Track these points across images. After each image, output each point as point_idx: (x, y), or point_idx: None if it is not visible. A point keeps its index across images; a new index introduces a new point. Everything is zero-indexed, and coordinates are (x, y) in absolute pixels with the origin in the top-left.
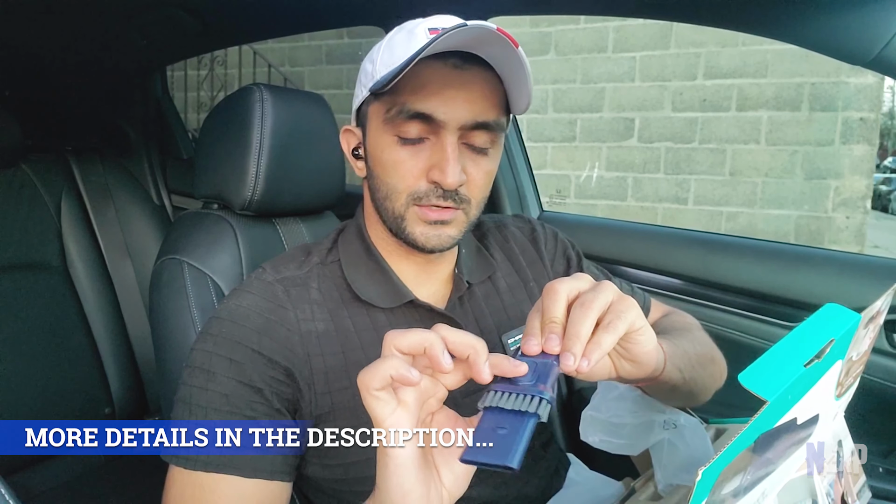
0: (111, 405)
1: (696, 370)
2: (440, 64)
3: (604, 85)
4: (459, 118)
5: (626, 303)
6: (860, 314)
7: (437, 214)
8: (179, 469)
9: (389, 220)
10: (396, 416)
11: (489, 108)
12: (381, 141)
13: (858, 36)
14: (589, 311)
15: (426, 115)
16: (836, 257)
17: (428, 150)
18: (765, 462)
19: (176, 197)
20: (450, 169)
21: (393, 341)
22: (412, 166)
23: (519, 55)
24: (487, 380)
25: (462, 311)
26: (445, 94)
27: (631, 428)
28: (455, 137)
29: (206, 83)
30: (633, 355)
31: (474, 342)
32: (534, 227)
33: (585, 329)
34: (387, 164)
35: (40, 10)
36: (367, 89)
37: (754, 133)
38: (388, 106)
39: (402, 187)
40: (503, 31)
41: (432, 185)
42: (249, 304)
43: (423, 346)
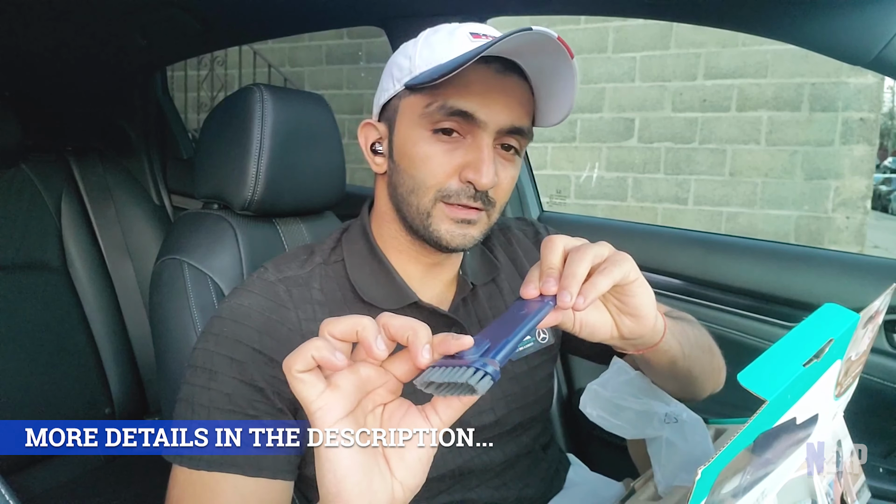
0: (111, 405)
1: (695, 350)
2: (484, 67)
3: (604, 85)
4: (499, 121)
5: (622, 255)
6: (859, 314)
7: (464, 213)
8: (182, 468)
9: (413, 215)
10: (325, 398)
11: (524, 115)
12: (413, 134)
13: (858, 36)
14: (585, 256)
15: (468, 113)
16: (835, 257)
17: (463, 149)
18: (764, 462)
19: (176, 197)
20: (485, 169)
21: (326, 327)
22: (444, 162)
23: (571, 66)
24: (424, 363)
25: (465, 312)
26: (488, 97)
27: (632, 413)
28: (492, 139)
29: (206, 83)
30: (631, 308)
31: (415, 325)
32: (537, 230)
33: (581, 270)
34: (416, 157)
35: (40, 10)
36: (400, 84)
37: (754, 133)
38: (427, 101)
39: (431, 182)
40: (563, 41)
41: (465, 185)
42: (251, 303)
43: (355, 330)
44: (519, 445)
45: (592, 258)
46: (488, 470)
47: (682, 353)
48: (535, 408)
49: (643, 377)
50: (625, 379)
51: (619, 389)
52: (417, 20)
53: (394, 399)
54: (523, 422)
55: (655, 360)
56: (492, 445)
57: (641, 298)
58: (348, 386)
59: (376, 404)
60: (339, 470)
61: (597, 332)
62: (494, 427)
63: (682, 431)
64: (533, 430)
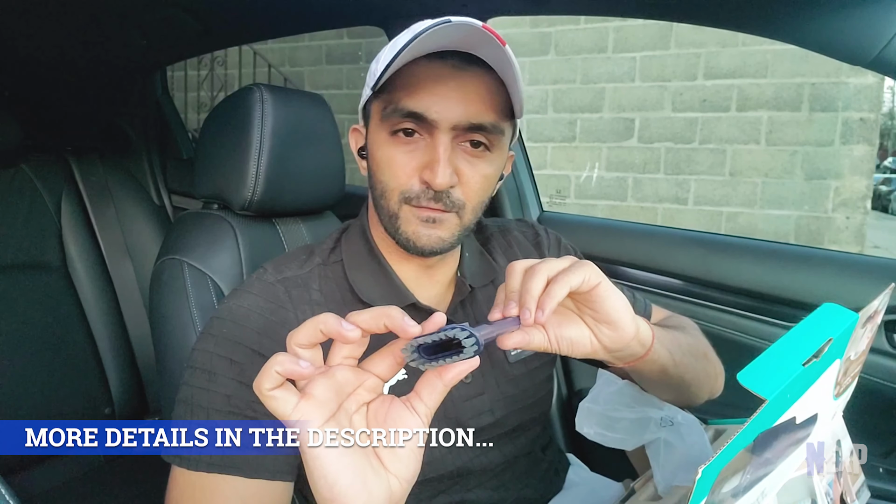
0: (111, 405)
1: (687, 357)
2: (439, 64)
3: (604, 85)
4: (452, 118)
5: (581, 263)
6: (858, 314)
7: (428, 211)
8: (182, 470)
9: (385, 218)
10: (301, 409)
11: (486, 110)
12: (377, 138)
13: (858, 36)
14: (539, 272)
15: (418, 113)
16: (835, 257)
17: (421, 150)
18: (764, 462)
19: (176, 197)
20: (440, 169)
21: (291, 338)
22: (404, 164)
23: (506, 54)
24: (414, 332)
25: (463, 315)
26: (439, 93)
27: (627, 422)
28: (448, 138)
29: (206, 83)
30: (603, 314)
31: (385, 310)
32: (537, 232)
33: (536, 285)
34: (381, 161)
35: (40, 10)
36: (369, 87)
37: (754, 133)
38: (384, 104)
39: (393, 185)
40: (488, 29)
41: (424, 186)
42: (250, 304)
43: (318, 329)
44: (518, 446)
45: (547, 272)
46: (487, 471)
47: (672, 361)
48: (535, 409)
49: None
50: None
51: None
52: (417, 20)
53: (376, 397)
54: (522, 423)
55: (646, 370)
56: (491, 446)
57: (611, 303)
58: (324, 392)
59: (360, 404)
60: (329, 475)
61: (576, 347)
62: (493, 428)
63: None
64: (532, 431)
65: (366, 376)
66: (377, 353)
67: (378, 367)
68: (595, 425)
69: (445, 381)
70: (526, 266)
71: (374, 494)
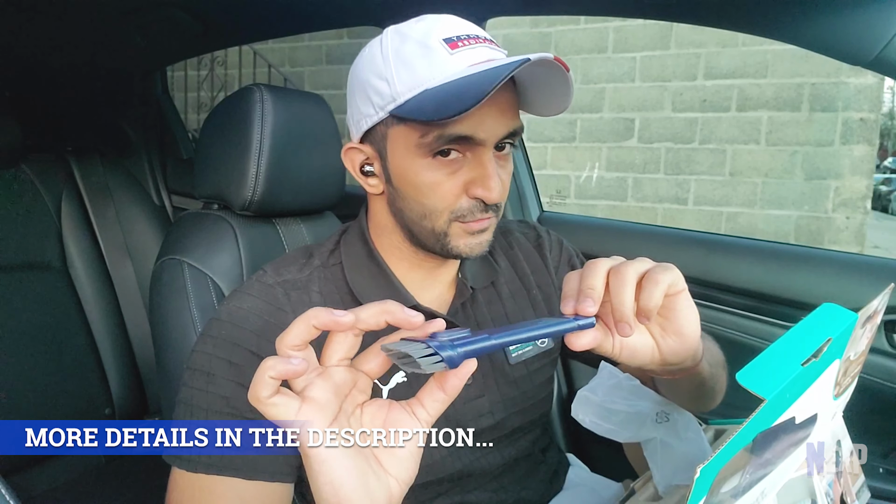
0: (111, 405)
1: (716, 369)
2: None
3: (604, 85)
4: (497, 134)
5: (666, 264)
6: (857, 314)
7: (479, 225)
8: (181, 471)
9: (427, 236)
10: (304, 413)
11: (515, 116)
12: (413, 164)
13: (858, 36)
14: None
15: (467, 136)
16: (835, 257)
17: (466, 167)
18: (763, 462)
19: (176, 197)
20: (493, 184)
21: (280, 342)
22: (452, 185)
23: (566, 79)
24: (418, 322)
25: (464, 316)
26: (483, 114)
27: (623, 415)
28: (492, 152)
29: (206, 83)
30: (676, 325)
31: (384, 306)
32: (539, 234)
33: (628, 293)
34: (422, 185)
35: (40, 10)
36: (385, 112)
37: (754, 133)
38: (422, 132)
39: (442, 206)
40: (560, 61)
41: (475, 201)
42: (249, 306)
43: (310, 324)
44: (518, 448)
45: (636, 275)
46: (486, 473)
47: (710, 375)
48: (535, 411)
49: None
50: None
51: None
52: None
53: (366, 398)
54: (522, 425)
55: (685, 382)
56: (491, 448)
57: (687, 313)
58: (324, 394)
59: (356, 405)
60: (334, 479)
61: (637, 356)
62: (493, 430)
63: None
64: (532, 433)
65: (357, 375)
66: (366, 350)
67: (367, 364)
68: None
69: (447, 392)
70: (610, 266)
71: (375, 497)
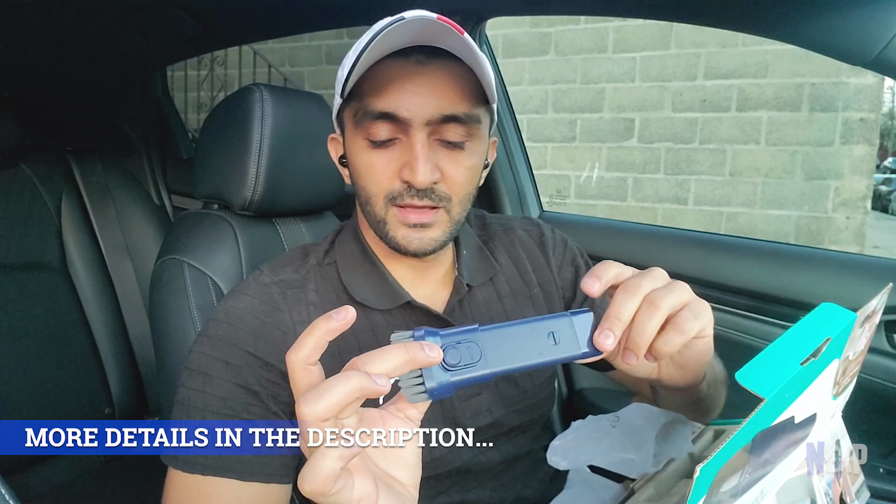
0: (111, 405)
1: (715, 388)
2: (402, 61)
3: (604, 85)
4: (424, 114)
5: (702, 305)
6: (856, 313)
7: (416, 217)
8: (178, 472)
9: (373, 224)
10: (359, 489)
11: (458, 100)
12: (354, 145)
13: (858, 36)
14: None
15: (389, 113)
16: (835, 257)
17: (398, 150)
18: (763, 461)
19: (176, 197)
20: (420, 167)
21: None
22: (384, 167)
23: (467, 43)
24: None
25: (461, 314)
26: (408, 91)
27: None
28: (424, 134)
29: (206, 83)
30: (685, 361)
31: (406, 357)
32: (542, 232)
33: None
34: (361, 168)
35: (40, 9)
36: (339, 95)
37: (754, 133)
38: (355, 109)
39: (377, 190)
40: (444, 20)
41: (405, 185)
42: (245, 306)
43: (352, 398)
44: (517, 447)
45: (668, 309)
46: (486, 471)
47: (707, 394)
48: (535, 411)
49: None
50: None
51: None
52: None
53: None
54: (522, 424)
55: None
56: (490, 446)
57: (700, 356)
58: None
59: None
60: None
61: (636, 370)
62: (492, 428)
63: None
64: (532, 431)
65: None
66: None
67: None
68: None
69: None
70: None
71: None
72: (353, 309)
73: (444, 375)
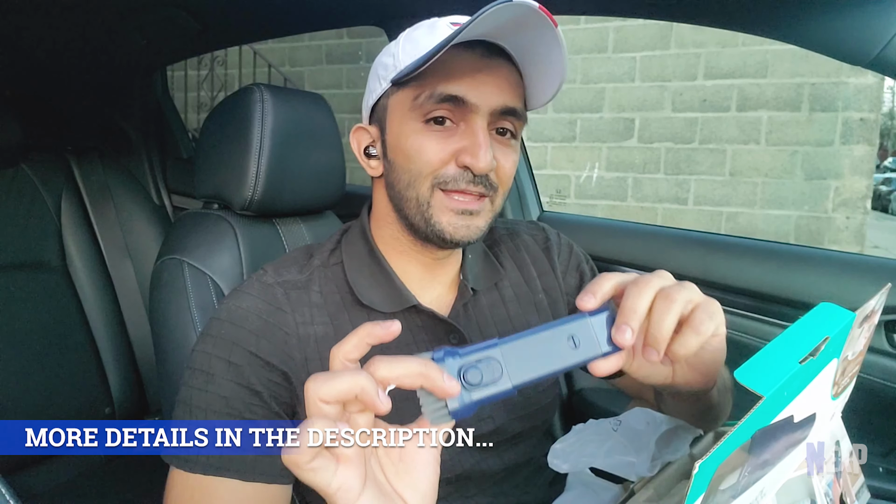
0: (111, 405)
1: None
2: (468, 53)
3: (604, 85)
4: (491, 102)
5: (714, 305)
6: (855, 313)
7: (464, 203)
8: (179, 471)
9: (413, 210)
10: (341, 477)
11: (515, 96)
12: (405, 128)
13: (858, 36)
14: (672, 307)
15: (458, 97)
16: (835, 257)
17: (458, 135)
18: (762, 461)
19: (176, 197)
20: (482, 152)
21: (317, 393)
22: (439, 149)
23: (556, 36)
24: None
25: (466, 318)
26: (476, 79)
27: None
28: (485, 122)
29: (206, 83)
30: (699, 363)
31: (421, 369)
32: (548, 237)
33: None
34: (411, 149)
35: (40, 9)
36: (387, 81)
37: (754, 133)
38: (416, 93)
39: (426, 171)
40: (545, 10)
41: (462, 170)
42: (248, 305)
43: (353, 393)
44: (518, 453)
45: (683, 306)
46: (487, 478)
47: (717, 402)
48: (538, 417)
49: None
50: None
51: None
52: (417, 20)
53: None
54: (524, 430)
55: (689, 405)
56: (491, 453)
57: (714, 356)
58: (355, 451)
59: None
60: None
61: (651, 376)
62: (493, 435)
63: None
64: (534, 438)
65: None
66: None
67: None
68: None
69: None
70: (661, 287)
71: None
72: (399, 324)
73: (467, 395)
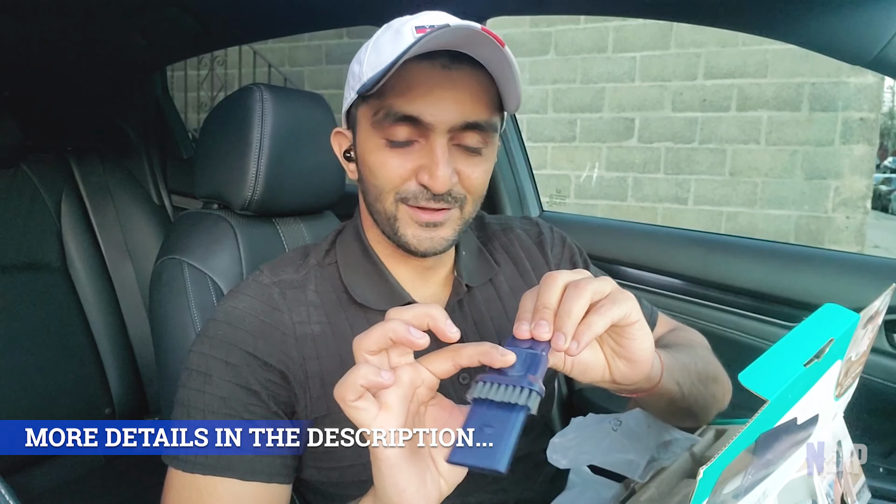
0: (111, 405)
1: (696, 386)
2: (428, 64)
3: (604, 85)
4: (448, 119)
5: (624, 294)
6: (859, 314)
7: (428, 216)
8: (178, 472)
9: (382, 222)
10: (381, 420)
11: (479, 108)
12: (368, 144)
13: (858, 36)
14: (582, 293)
15: (413, 117)
16: (835, 257)
17: (417, 153)
18: (765, 462)
19: (176, 197)
20: (439, 172)
21: (360, 346)
22: (399, 166)
23: (506, 55)
24: (455, 337)
25: (461, 315)
26: (433, 96)
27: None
28: (445, 139)
29: (206, 83)
30: (628, 352)
31: (427, 310)
32: (541, 231)
33: (578, 308)
34: (374, 165)
35: (40, 9)
36: (354, 91)
37: (754, 133)
38: (375, 109)
39: (388, 187)
40: (488, 31)
41: (421, 188)
42: (245, 306)
43: (388, 337)
44: (517, 449)
45: (591, 294)
46: (486, 474)
47: (680, 393)
48: None
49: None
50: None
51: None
52: None
53: (433, 397)
54: None
55: (650, 402)
56: None
57: (640, 343)
58: (397, 401)
59: (420, 403)
60: (399, 482)
61: (588, 373)
62: None
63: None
64: (532, 433)
65: (425, 373)
66: (437, 353)
67: (437, 366)
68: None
69: None
70: (567, 280)
71: (430, 497)
72: (427, 337)
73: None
